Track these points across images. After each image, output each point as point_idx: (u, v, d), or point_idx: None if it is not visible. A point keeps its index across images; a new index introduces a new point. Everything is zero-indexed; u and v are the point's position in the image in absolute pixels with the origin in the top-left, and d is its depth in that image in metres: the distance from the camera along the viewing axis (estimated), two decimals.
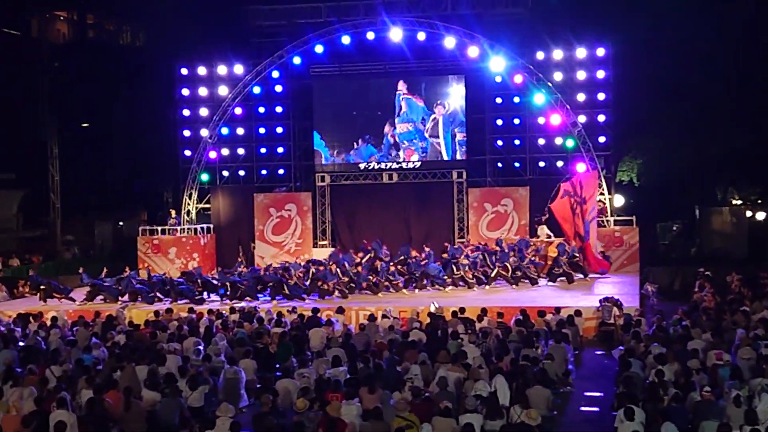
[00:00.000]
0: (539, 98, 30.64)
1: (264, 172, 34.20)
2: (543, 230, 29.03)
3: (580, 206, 27.75)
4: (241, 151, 33.96)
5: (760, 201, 38.53)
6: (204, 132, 33.32)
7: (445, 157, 32.14)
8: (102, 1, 53.18)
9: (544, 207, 30.24)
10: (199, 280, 26.02)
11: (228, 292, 25.10)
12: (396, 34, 31.04)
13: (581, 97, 30.87)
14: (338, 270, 25.54)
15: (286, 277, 25.37)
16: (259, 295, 25.28)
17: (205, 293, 25.63)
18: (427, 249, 27.84)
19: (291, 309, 21.65)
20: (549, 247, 28.11)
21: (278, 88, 33.40)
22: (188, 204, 33.77)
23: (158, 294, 25.18)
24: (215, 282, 26.02)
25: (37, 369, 14.96)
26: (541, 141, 31.54)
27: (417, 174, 32.62)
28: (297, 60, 32.39)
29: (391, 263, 26.51)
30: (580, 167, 29.95)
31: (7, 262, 33.72)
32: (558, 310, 20.00)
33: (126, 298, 25.20)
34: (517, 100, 31.58)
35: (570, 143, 30.70)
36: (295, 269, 25.90)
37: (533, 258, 26.84)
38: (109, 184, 49.15)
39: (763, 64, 34.88)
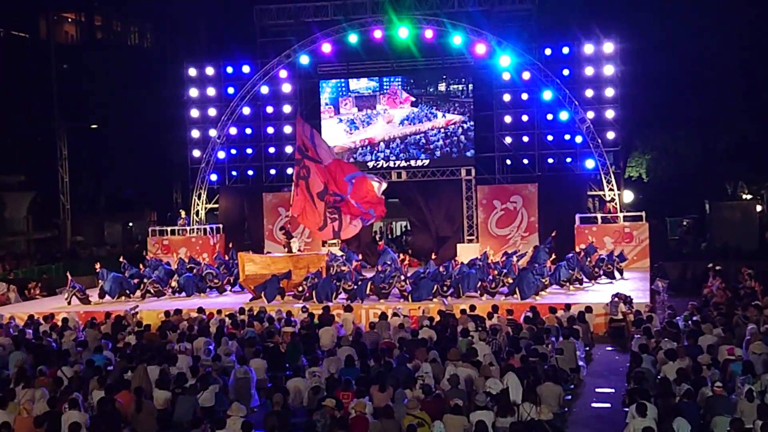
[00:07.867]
0: (547, 95, 30.57)
1: (273, 171, 34.21)
2: (295, 243, 26.85)
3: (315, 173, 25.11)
4: (249, 150, 34.02)
5: None
6: (212, 132, 33.38)
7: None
8: (109, 3, 53.39)
9: (551, 204, 30.22)
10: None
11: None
12: (403, 32, 31.00)
13: (589, 93, 30.83)
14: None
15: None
16: None
17: None
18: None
19: (303, 308, 21.64)
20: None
21: (286, 88, 33.41)
22: (197, 204, 33.82)
23: None
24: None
25: (48, 370, 15.01)
26: (550, 137, 31.51)
27: (425, 172, 32.57)
28: (304, 59, 32.38)
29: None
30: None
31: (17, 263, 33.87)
32: (568, 306, 19.94)
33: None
34: (525, 96, 31.51)
35: (578, 139, 30.65)
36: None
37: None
38: (118, 185, 49.42)
39: None
